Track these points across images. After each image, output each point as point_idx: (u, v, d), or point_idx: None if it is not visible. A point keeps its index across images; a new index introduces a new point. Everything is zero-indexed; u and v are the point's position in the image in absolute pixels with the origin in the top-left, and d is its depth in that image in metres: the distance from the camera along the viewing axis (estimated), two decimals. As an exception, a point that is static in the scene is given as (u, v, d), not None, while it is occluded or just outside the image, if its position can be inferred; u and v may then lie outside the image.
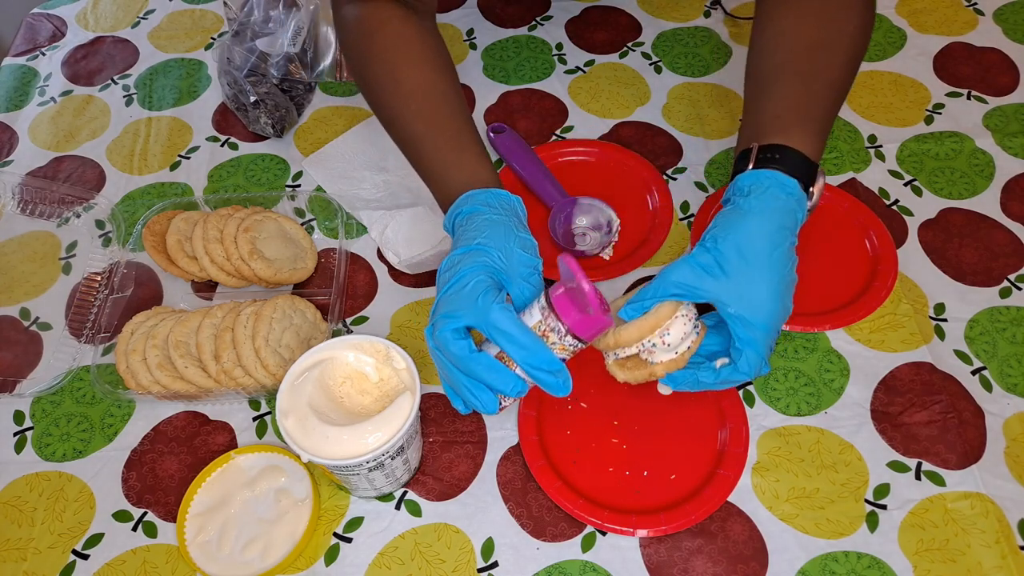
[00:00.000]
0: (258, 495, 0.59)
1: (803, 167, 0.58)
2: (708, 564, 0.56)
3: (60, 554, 0.59)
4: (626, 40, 0.92)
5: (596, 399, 0.64)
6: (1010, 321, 0.67)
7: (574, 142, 0.81)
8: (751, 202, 0.56)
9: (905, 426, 0.61)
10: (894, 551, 0.56)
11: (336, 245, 0.74)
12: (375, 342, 0.56)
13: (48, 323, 0.72)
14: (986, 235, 0.72)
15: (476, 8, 0.96)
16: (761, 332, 0.54)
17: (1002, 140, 0.78)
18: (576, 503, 0.58)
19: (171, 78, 0.92)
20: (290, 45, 0.84)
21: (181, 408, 0.66)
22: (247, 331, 0.63)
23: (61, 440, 0.65)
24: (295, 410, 0.53)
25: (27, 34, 0.99)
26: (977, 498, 0.58)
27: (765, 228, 0.55)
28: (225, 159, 0.83)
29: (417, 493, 0.61)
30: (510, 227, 0.57)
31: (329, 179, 0.80)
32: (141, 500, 0.62)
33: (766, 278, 0.54)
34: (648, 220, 0.75)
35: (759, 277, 0.54)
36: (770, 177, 0.57)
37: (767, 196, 0.56)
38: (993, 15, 0.90)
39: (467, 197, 0.59)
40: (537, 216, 0.75)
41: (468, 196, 0.59)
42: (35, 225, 0.79)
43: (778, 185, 0.57)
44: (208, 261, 0.69)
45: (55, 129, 0.88)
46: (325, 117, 0.87)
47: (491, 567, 0.57)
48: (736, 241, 0.54)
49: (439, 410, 0.65)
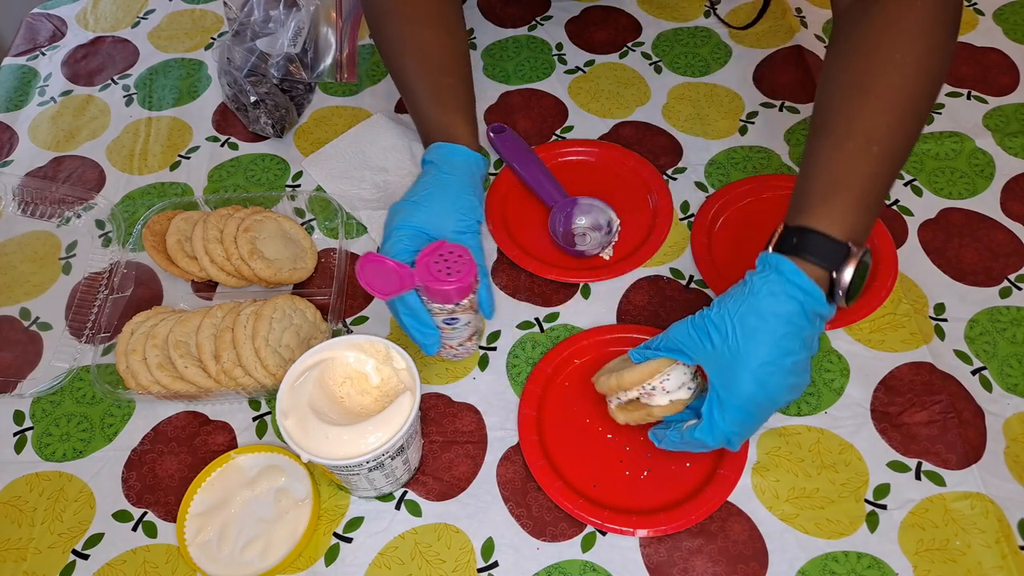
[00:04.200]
0: (258, 495, 0.59)
1: (828, 252, 0.52)
2: (708, 564, 0.56)
3: (60, 554, 0.59)
4: (626, 40, 0.92)
5: (596, 401, 0.64)
6: (1010, 321, 0.67)
7: (574, 142, 0.81)
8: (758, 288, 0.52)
9: (905, 426, 0.61)
10: (894, 551, 0.56)
11: (336, 245, 0.74)
12: (375, 342, 0.56)
13: (48, 323, 0.72)
14: (986, 235, 0.72)
15: (476, 8, 0.96)
16: (731, 411, 0.52)
17: (1002, 140, 0.78)
18: (576, 503, 0.58)
19: (171, 78, 0.92)
20: (290, 45, 0.84)
21: (181, 408, 0.66)
22: (247, 331, 0.63)
23: (61, 440, 0.65)
24: (295, 410, 0.53)
25: (27, 34, 0.99)
26: (977, 498, 0.58)
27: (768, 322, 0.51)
28: (225, 159, 0.83)
29: (417, 493, 0.61)
30: (456, 188, 0.63)
31: (329, 179, 0.80)
32: (141, 500, 0.62)
33: (750, 364, 0.51)
34: (648, 220, 0.75)
35: (743, 361, 0.51)
36: (778, 271, 0.52)
37: (771, 295, 0.52)
38: (993, 15, 0.90)
39: (432, 148, 0.66)
40: (537, 216, 0.75)
41: (433, 147, 0.66)
42: (35, 225, 0.79)
43: (783, 281, 0.52)
44: (208, 261, 0.69)
45: (55, 129, 0.88)
46: (325, 117, 0.87)
47: (491, 567, 0.57)
48: (733, 317, 0.52)
49: (439, 410, 0.65)
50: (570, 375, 0.65)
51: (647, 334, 0.66)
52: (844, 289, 0.52)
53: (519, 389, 0.65)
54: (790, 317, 0.51)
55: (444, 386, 0.66)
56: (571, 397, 0.64)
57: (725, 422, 0.52)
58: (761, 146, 0.80)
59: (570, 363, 0.66)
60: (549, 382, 0.65)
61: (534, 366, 0.65)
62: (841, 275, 0.52)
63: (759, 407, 0.53)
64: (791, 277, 0.51)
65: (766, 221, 0.74)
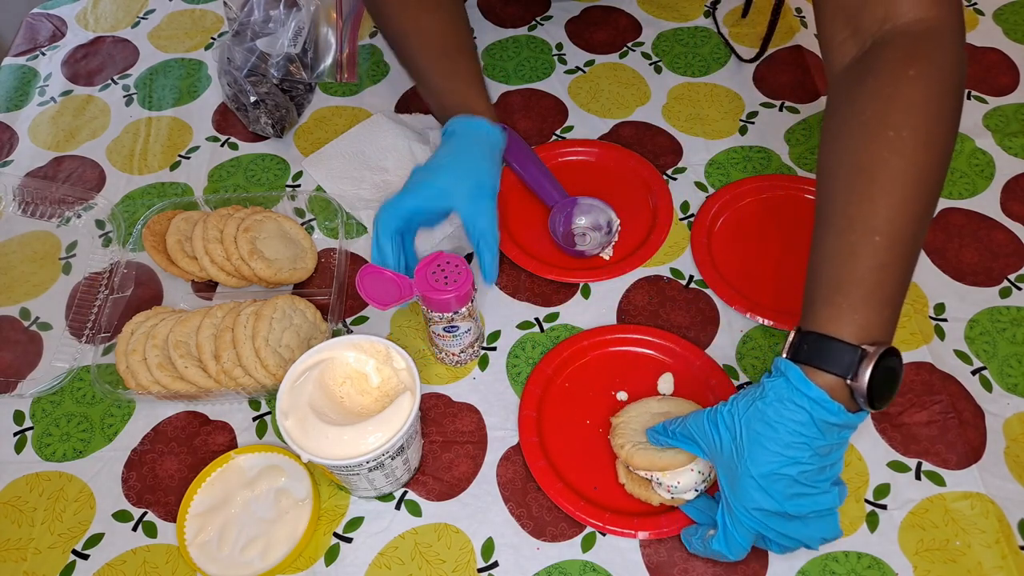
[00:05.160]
0: (258, 495, 0.59)
1: (839, 357, 0.48)
2: (708, 564, 0.56)
3: (60, 554, 0.59)
4: (626, 40, 0.92)
5: (596, 401, 0.64)
6: (1010, 321, 0.67)
7: (574, 142, 0.81)
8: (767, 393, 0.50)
9: (905, 426, 0.61)
10: (894, 551, 0.56)
11: (336, 245, 0.74)
12: (375, 342, 0.56)
13: (48, 323, 0.72)
14: (986, 235, 0.72)
15: (476, 8, 0.96)
16: (741, 518, 0.50)
17: (1002, 140, 0.78)
18: (577, 505, 0.58)
19: (171, 78, 0.92)
20: (290, 45, 0.84)
21: (181, 408, 0.66)
22: (247, 331, 0.63)
23: (61, 440, 0.65)
24: (295, 410, 0.53)
25: (27, 34, 0.99)
26: (977, 498, 0.58)
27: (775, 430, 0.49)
28: (225, 159, 0.83)
29: (417, 493, 0.61)
30: (475, 156, 0.64)
31: (329, 179, 0.80)
32: (141, 500, 0.62)
33: (752, 471, 0.49)
34: (648, 220, 0.75)
35: (746, 467, 0.49)
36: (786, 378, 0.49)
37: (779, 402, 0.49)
38: (993, 15, 0.90)
39: (452, 122, 0.66)
40: (537, 216, 0.75)
41: (452, 121, 0.66)
42: (35, 225, 0.79)
43: (791, 389, 0.49)
44: (208, 261, 0.69)
45: (55, 129, 0.88)
46: (325, 117, 0.87)
47: (491, 567, 0.57)
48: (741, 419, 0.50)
49: (439, 410, 0.65)
50: (570, 376, 0.65)
51: (647, 334, 0.66)
52: (864, 395, 0.48)
53: (519, 389, 0.65)
54: (798, 427, 0.48)
55: (444, 386, 0.66)
56: (571, 398, 0.64)
57: (738, 532, 0.50)
58: (761, 146, 0.80)
59: (570, 364, 0.66)
60: (549, 383, 0.65)
61: (534, 366, 0.65)
62: (858, 381, 0.48)
63: (770, 517, 0.49)
64: (798, 386, 0.48)
65: (766, 221, 0.74)
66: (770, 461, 0.48)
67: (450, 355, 0.65)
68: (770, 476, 0.48)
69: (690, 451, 0.55)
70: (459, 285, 0.58)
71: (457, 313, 0.59)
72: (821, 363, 0.49)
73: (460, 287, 0.58)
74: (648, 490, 0.58)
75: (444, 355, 0.65)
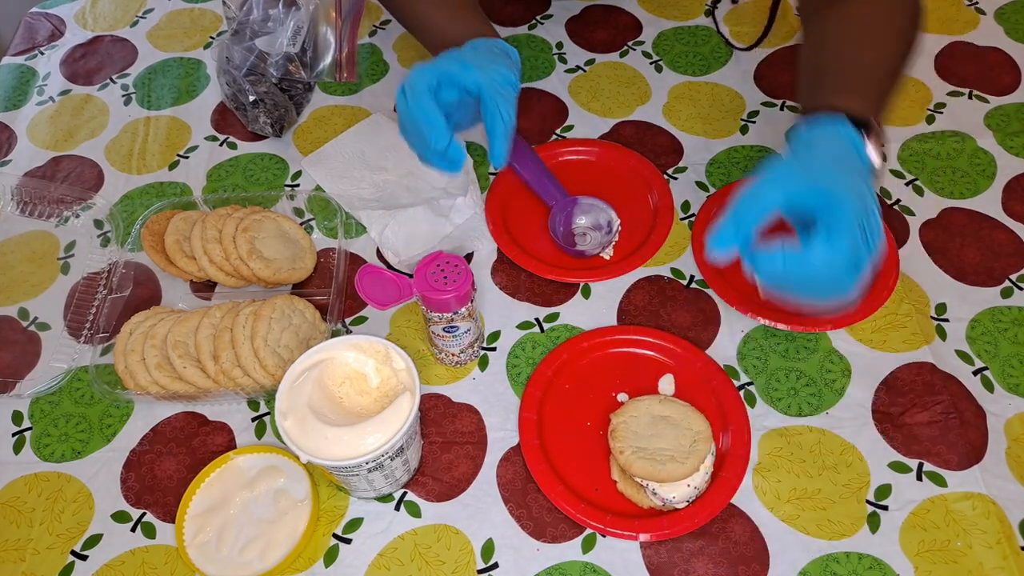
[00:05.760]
0: (257, 496, 0.59)
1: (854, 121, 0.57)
2: (709, 565, 0.56)
3: (59, 555, 0.59)
4: (627, 39, 0.91)
5: (596, 403, 0.64)
6: (1012, 321, 0.66)
7: (574, 141, 0.81)
8: (813, 135, 0.57)
9: (907, 427, 0.61)
10: (895, 552, 0.56)
11: (335, 245, 0.74)
12: (374, 342, 0.56)
13: (47, 323, 0.72)
14: (987, 235, 0.72)
15: (476, 7, 0.96)
16: (845, 225, 0.51)
17: (1004, 140, 0.78)
18: (578, 507, 0.58)
19: (170, 77, 0.92)
20: (289, 44, 0.83)
21: (180, 408, 0.66)
22: (246, 331, 0.62)
23: (60, 440, 0.65)
24: (294, 411, 0.52)
25: (26, 33, 0.99)
26: (979, 499, 0.58)
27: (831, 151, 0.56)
28: (224, 159, 0.83)
29: (417, 494, 0.61)
30: (498, 58, 0.63)
31: (328, 179, 0.80)
32: (140, 501, 0.61)
33: (839, 176, 0.54)
34: (648, 220, 0.75)
35: (832, 175, 0.54)
36: (824, 118, 0.57)
37: (824, 135, 0.56)
38: (994, 14, 0.90)
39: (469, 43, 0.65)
40: (537, 216, 0.75)
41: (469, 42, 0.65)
42: (34, 225, 0.79)
43: (831, 124, 0.56)
44: (207, 261, 0.69)
45: (53, 129, 0.88)
46: (324, 117, 0.86)
47: (491, 568, 0.57)
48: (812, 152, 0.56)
49: (439, 411, 0.64)
50: (571, 377, 0.65)
51: (648, 335, 0.66)
52: (876, 160, 0.57)
53: (519, 389, 0.65)
54: (855, 157, 0.56)
55: (444, 387, 0.66)
56: (572, 399, 0.64)
57: (843, 238, 0.50)
58: (762, 145, 0.80)
59: (571, 365, 0.65)
60: (549, 384, 0.64)
61: (534, 367, 0.65)
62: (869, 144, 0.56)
63: (861, 214, 0.52)
64: (846, 132, 0.56)
65: (767, 221, 0.74)
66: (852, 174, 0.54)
67: (450, 355, 0.65)
68: (853, 177, 0.54)
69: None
70: (459, 285, 0.58)
71: (457, 313, 0.59)
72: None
73: (460, 287, 0.58)
74: (640, 493, 0.58)
75: (444, 355, 0.65)
